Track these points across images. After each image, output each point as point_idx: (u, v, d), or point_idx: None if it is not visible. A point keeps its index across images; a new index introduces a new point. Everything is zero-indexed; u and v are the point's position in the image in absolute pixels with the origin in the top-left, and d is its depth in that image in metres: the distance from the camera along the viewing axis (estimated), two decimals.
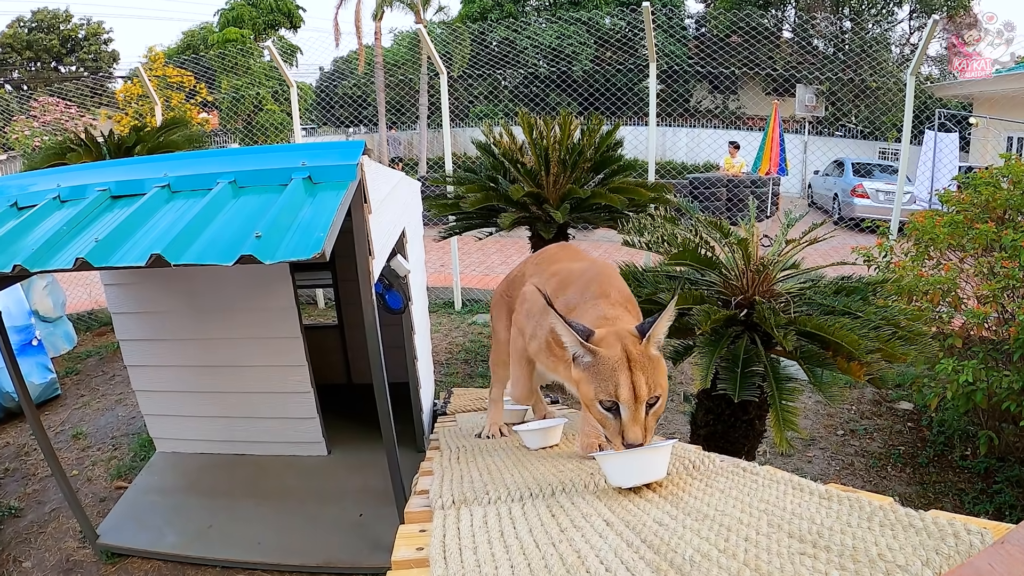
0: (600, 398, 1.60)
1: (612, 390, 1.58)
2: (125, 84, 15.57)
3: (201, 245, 2.13)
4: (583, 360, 1.65)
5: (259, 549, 3.45)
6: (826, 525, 1.14)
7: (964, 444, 4.39)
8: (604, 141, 5.27)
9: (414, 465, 2.51)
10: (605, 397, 1.59)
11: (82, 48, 22.65)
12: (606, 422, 1.61)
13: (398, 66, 20.74)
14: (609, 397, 1.59)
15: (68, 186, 2.72)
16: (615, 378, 1.59)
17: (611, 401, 1.59)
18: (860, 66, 17.73)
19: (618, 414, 1.59)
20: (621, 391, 1.58)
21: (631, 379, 1.59)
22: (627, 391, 1.58)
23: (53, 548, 3.69)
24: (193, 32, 21.55)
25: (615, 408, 1.59)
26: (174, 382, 4.26)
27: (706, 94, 22.91)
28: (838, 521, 1.16)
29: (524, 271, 2.69)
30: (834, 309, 2.90)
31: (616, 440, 1.59)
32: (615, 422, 1.60)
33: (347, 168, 2.46)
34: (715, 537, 1.15)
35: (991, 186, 4.18)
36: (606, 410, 1.60)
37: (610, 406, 1.59)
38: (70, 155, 6.11)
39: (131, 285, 4.15)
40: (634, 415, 1.58)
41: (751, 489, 1.44)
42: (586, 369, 1.64)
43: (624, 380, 1.59)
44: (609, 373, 1.60)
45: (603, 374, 1.60)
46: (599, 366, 1.61)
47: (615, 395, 1.58)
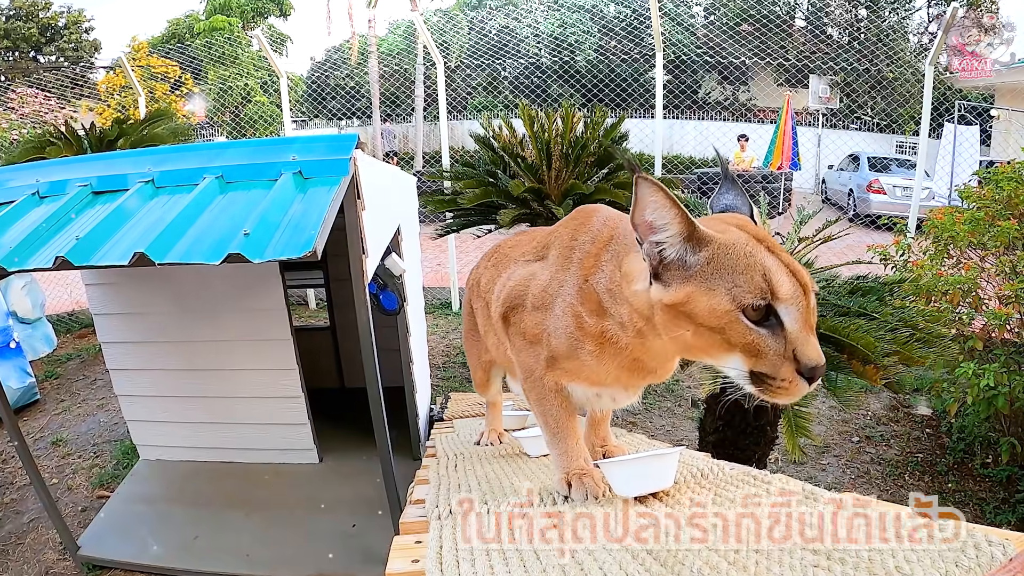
0: (745, 302, 1.10)
1: (762, 283, 1.10)
2: (107, 75, 15.56)
3: (187, 243, 2.13)
4: (689, 261, 1.16)
5: (247, 561, 3.45)
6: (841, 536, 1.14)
7: (985, 451, 4.38)
8: (608, 134, 5.27)
9: (410, 473, 2.51)
10: (753, 298, 1.10)
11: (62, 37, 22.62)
12: (759, 344, 1.11)
13: (393, 56, 20.72)
14: (760, 296, 1.10)
15: (47, 181, 2.72)
16: (759, 264, 1.11)
17: (763, 303, 1.10)
18: (876, 56, 17.71)
19: (777, 325, 1.11)
20: (778, 281, 1.10)
21: (782, 261, 1.13)
22: (787, 279, 1.11)
23: (32, 560, 3.69)
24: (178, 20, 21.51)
25: (770, 316, 1.11)
26: (159, 386, 4.26)
27: (715, 85, 22.89)
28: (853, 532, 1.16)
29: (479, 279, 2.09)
30: (849, 310, 2.90)
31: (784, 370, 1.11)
32: (774, 340, 1.11)
33: (339, 163, 2.47)
34: (724, 549, 1.15)
35: (1014, 181, 4.18)
36: (756, 323, 1.11)
37: (763, 312, 1.11)
38: (50, 149, 6.11)
39: (114, 285, 4.15)
40: (806, 318, 1.11)
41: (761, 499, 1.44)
42: (696, 275, 1.14)
43: (775, 264, 1.12)
44: (747, 261, 1.12)
45: (736, 265, 1.12)
46: (723, 258, 1.13)
47: (771, 290, 1.10)
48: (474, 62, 17.09)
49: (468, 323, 2.38)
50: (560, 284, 1.52)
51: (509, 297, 1.68)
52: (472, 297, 2.23)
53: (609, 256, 1.41)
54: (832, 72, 17.85)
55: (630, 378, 1.47)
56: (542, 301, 1.56)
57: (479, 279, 2.10)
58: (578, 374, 1.53)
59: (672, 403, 5.37)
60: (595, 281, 1.41)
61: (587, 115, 5.34)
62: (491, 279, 1.94)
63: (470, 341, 2.44)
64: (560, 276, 1.53)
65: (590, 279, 1.43)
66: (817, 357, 1.10)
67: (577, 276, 1.47)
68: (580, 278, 1.45)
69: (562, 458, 1.62)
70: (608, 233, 1.46)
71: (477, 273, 2.16)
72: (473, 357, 2.50)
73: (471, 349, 2.49)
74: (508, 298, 1.68)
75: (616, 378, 1.47)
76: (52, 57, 22.91)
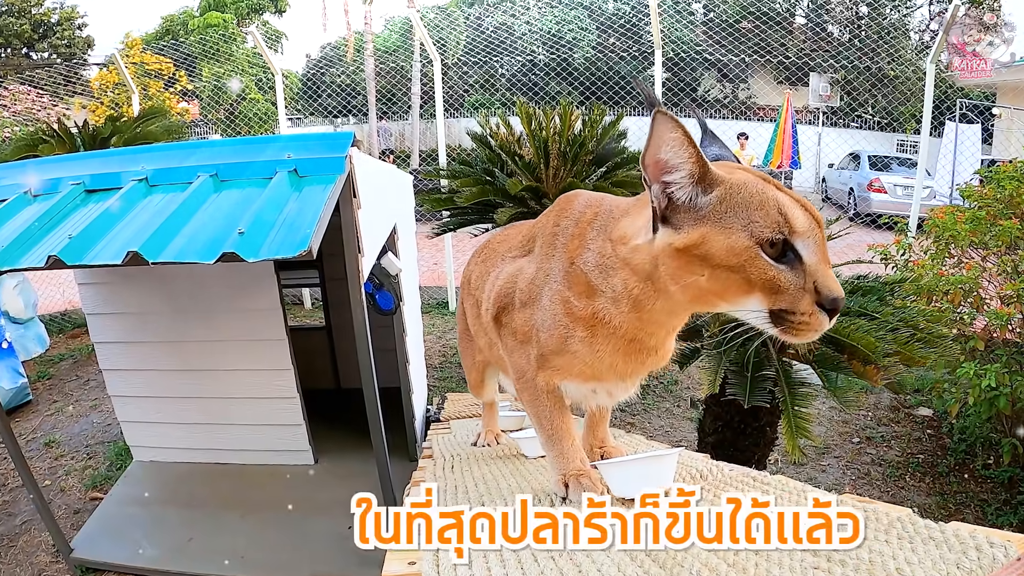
0: (763, 236, 1.09)
1: (778, 218, 1.10)
2: (100, 72, 15.55)
3: (181, 242, 2.13)
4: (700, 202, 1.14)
5: (242, 564, 3.45)
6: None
7: (986, 452, 4.39)
8: (607, 132, 5.26)
9: (406, 475, 2.52)
10: (772, 232, 1.09)
11: (55, 33, 22.56)
12: (780, 279, 1.09)
13: (389, 53, 20.70)
14: (777, 230, 1.09)
15: (40, 180, 2.71)
16: (772, 200, 1.11)
17: (782, 237, 1.09)
18: (877, 53, 17.73)
19: (796, 259, 1.10)
20: (794, 215, 1.10)
21: (792, 197, 1.14)
22: (801, 212, 1.11)
23: (24, 563, 3.68)
24: (172, 17, 21.48)
25: (787, 251, 1.10)
26: (152, 387, 4.25)
27: (714, 83, 22.90)
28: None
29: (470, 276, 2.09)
30: (849, 310, 2.91)
31: (805, 303, 1.10)
32: (794, 274, 1.10)
33: (335, 161, 2.46)
34: (724, 551, 1.15)
35: (1015, 180, 4.19)
36: (775, 259, 1.09)
37: (781, 247, 1.09)
38: (42, 147, 6.10)
39: (107, 284, 4.15)
40: (823, 250, 1.11)
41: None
42: (709, 216, 1.13)
43: (787, 199, 1.12)
44: (760, 198, 1.11)
45: (751, 202, 1.11)
46: (736, 196, 1.12)
47: (788, 224, 1.09)
48: (471, 59, 17.06)
49: (462, 324, 2.36)
50: (546, 274, 1.50)
51: (499, 297, 1.66)
52: (463, 296, 2.22)
53: (595, 233, 1.39)
54: (833, 70, 17.87)
55: (626, 364, 1.43)
56: (529, 295, 1.54)
57: (470, 276, 2.08)
58: (570, 370, 1.49)
59: (671, 404, 5.37)
60: (582, 261, 1.39)
61: (585, 113, 5.33)
62: (480, 275, 1.92)
63: (464, 341, 2.43)
64: (546, 266, 1.51)
65: (576, 261, 1.41)
66: (837, 288, 1.09)
67: (563, 261, 1.45)
68: (566, 262, 1.43)
69: (558, 459, 1.61)
70: (591, 213, 1.45)
71: (468, 270, 2.14)
72: (468, 358, 2.49)
73: (465, 350, 2.48)
74: (498, 298, 1.67)
75: (611, 366, 1.44)
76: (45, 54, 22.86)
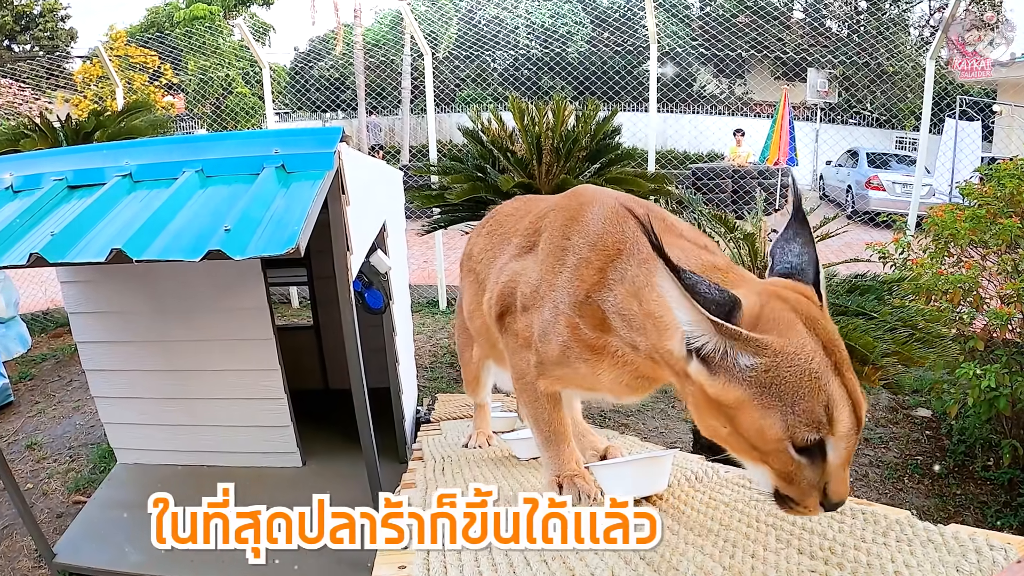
0: (798, 436, 0.97)
1: (822, 416, 0.96)
2: (84, 65, 15.45)
3: (165, 239, 2.11)
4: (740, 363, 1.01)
5: (228, 568, 3.44)
6: (839, 541, 1.15)
7: (986, 454, 4.41)
8: (601, 128, 5.26)
9: (395, 477, 2.51)
10: (809, 432, 0.96)
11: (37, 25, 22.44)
12: (796, 474, 1.00)
13: (379, 46, 20.67)
14: (817, 431, 0.97)
15: (21, 175, 2.69)
16: (824, 392, 0.97)
17: (816, 437, 0.97)
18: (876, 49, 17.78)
19: (819, 457, 0.99)
20: (840, 417, 0.97)
21: (847, 388, 0.99)
22: (848, 414, 0.98)
23: (6, 568, 3.66)
24: (157, 9, 21.38)
25: (817, 448, 0.98)
26: (136, 388, 4.23)
27: (711, 78, 22.95)
28: (851, 536, 1.16)
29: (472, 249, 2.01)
30: (847, 309, 2.91)
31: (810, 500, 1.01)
32: (811, 471, 1.00)
33: (323, 156, 2.45)
34: (719, 554, 1.15)
35: (1016, 178, 4.21)
36: (801, 453, 0.99)
37: (812, 446, 0.98)
38: (24, 141, 6.08)
39: (90, 283, 4.12)
40: (849, 454, 1.00)
41: (758, 502, 1.44)
42: (751, 381, 1.00)
43: (840, 395, 0.98)
44: (809, 384, 0.97)
45: (799, 388, 0.97)
46: (786, 373, 0.98)
47: (828, 426, 0.97)
48: (463, 53, 17.04)
49: (460, 320, 2.34)
50: (551, 288, 1.44)
51: (502, 296, 1.64)
52: (463, 273, 2.14)
53: (618, 276, 1.29)
54: (831, 65, 17.92)
55: (631, 389, 1.40)
56: (532, 301, 1.51)
57: (472, 249, 2.01)
58: (571, 382, 1.48)
59: (666, 405, 5.38)
60: (600, 299, 1.31)
61: (579, 108, 5.33)
62: (484, 250, 1.87)
63: (463, 336, 2.43)
64: (551, 279, 1.44)
65: (593, 296, 1.32)
66: (845, 494, 1.01)
67: (575, 287, 1.36)
68: (579, 292, 1.35)
69: (554, 460, 1.60)
70: (613, 244, 1.32)
71: (471, 242, 2.07)
72: (465, 353, 2.49)
73: (464, 345, 2.48)
74: (501, 297, 1.65)
75: (613, 387, 1.42)
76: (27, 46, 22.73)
